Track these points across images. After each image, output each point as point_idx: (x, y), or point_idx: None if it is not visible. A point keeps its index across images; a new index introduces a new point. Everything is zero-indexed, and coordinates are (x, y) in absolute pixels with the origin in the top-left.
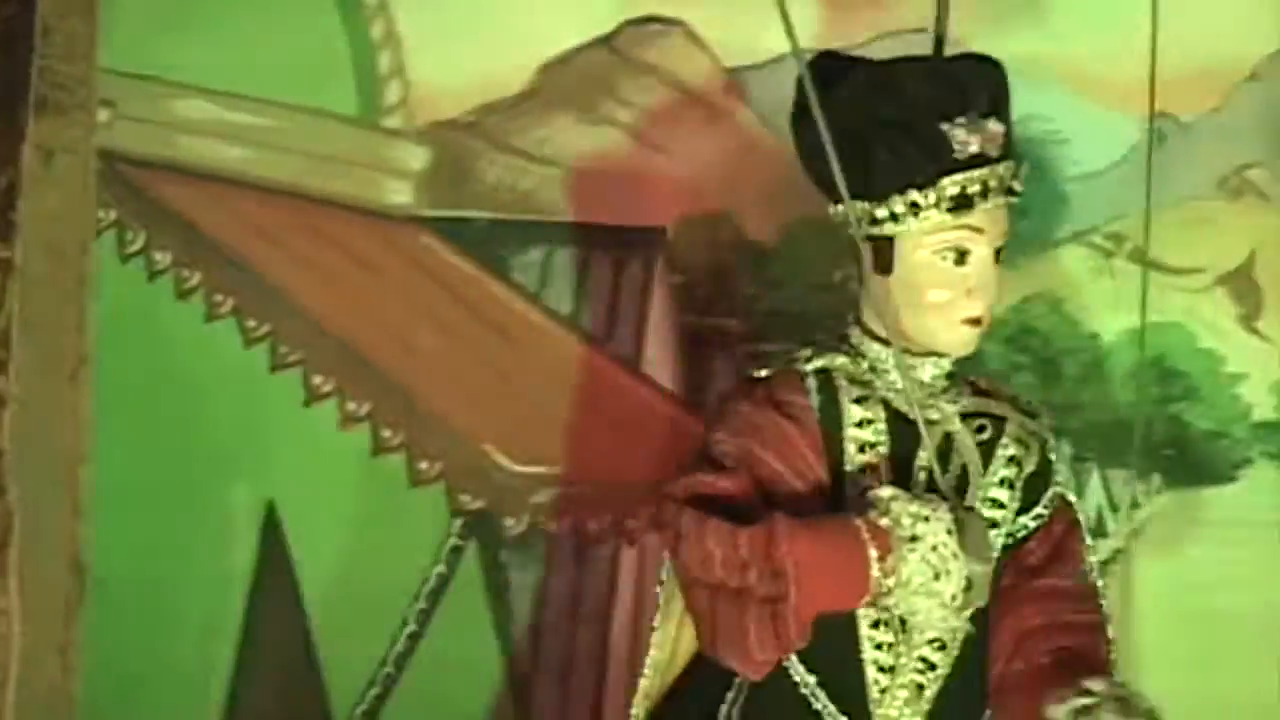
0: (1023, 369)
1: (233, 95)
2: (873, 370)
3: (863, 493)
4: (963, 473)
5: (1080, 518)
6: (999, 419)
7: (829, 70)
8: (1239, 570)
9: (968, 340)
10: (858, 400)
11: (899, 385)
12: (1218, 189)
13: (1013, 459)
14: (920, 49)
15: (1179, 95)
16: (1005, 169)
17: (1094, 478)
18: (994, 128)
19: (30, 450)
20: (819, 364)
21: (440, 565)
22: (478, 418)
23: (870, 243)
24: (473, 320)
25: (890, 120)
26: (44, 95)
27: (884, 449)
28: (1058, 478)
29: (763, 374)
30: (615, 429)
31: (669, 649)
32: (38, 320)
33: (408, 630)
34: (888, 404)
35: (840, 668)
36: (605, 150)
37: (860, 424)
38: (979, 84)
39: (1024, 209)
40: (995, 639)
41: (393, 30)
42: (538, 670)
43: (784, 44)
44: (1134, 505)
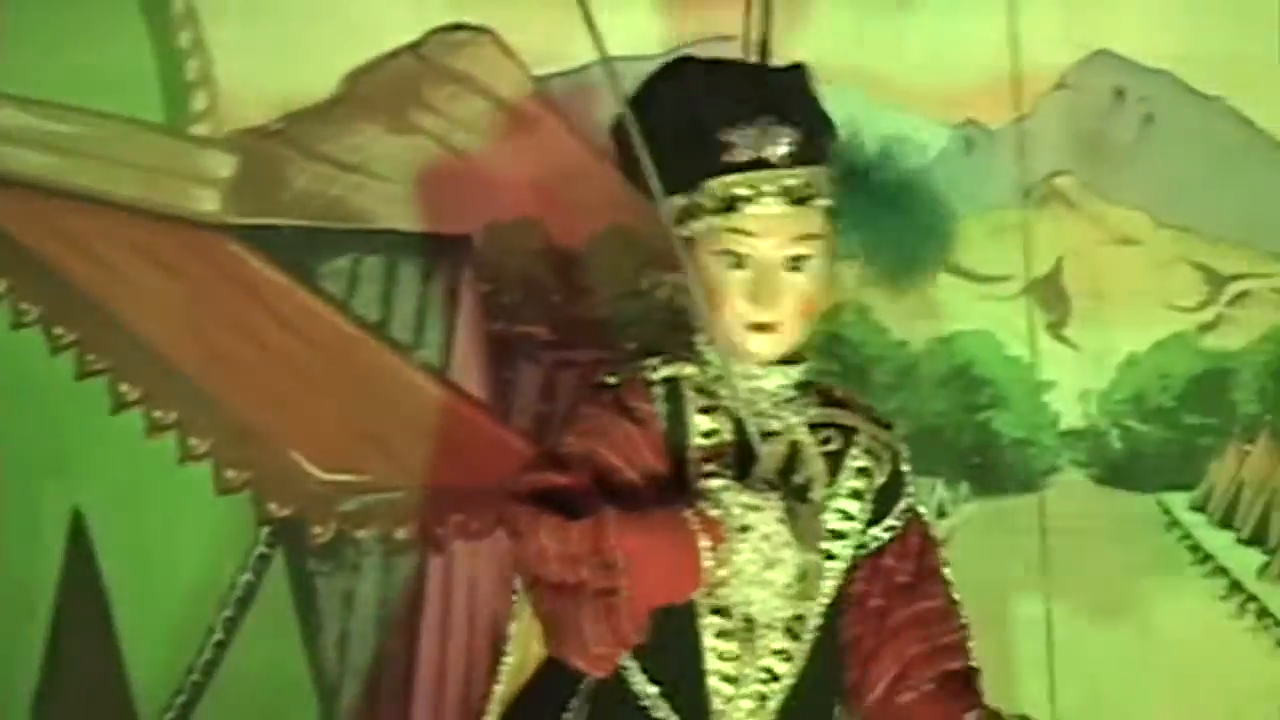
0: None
1: (39, 103)
2: (718, 379)
3: (699, 483)
4: (807, 484)
5: (934, 531)
6: (848, 430)
7: (659, 74)
8: (1042, 578)
9: (760, 346)
10: (704, 410)
11: (743, 394)
12: (1025, 197)
13: (863, 470)
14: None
15: (986, 104)
16: (792, 176)
17: None
18: (782, 133)
19: None
20: (666, 373)
21: (247, 573)
22: (285, 426)
23: (685, 243)
24: (281, 328)
25: (683, 122)
26: None
27: (730, 458)
28: (909, 489)
29: (611, 381)
30: (423, 437)
31: (520, 653)
32: None
33: (215, 638)
34: (733, 414)
35: (682, 678)
36: (413, 158)
37: (706, 434)
38: (772, 89)
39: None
40: (876, 664)
41: (200, 38)
42: (345, 678)
43: (592, 52)
44: (941, 514)
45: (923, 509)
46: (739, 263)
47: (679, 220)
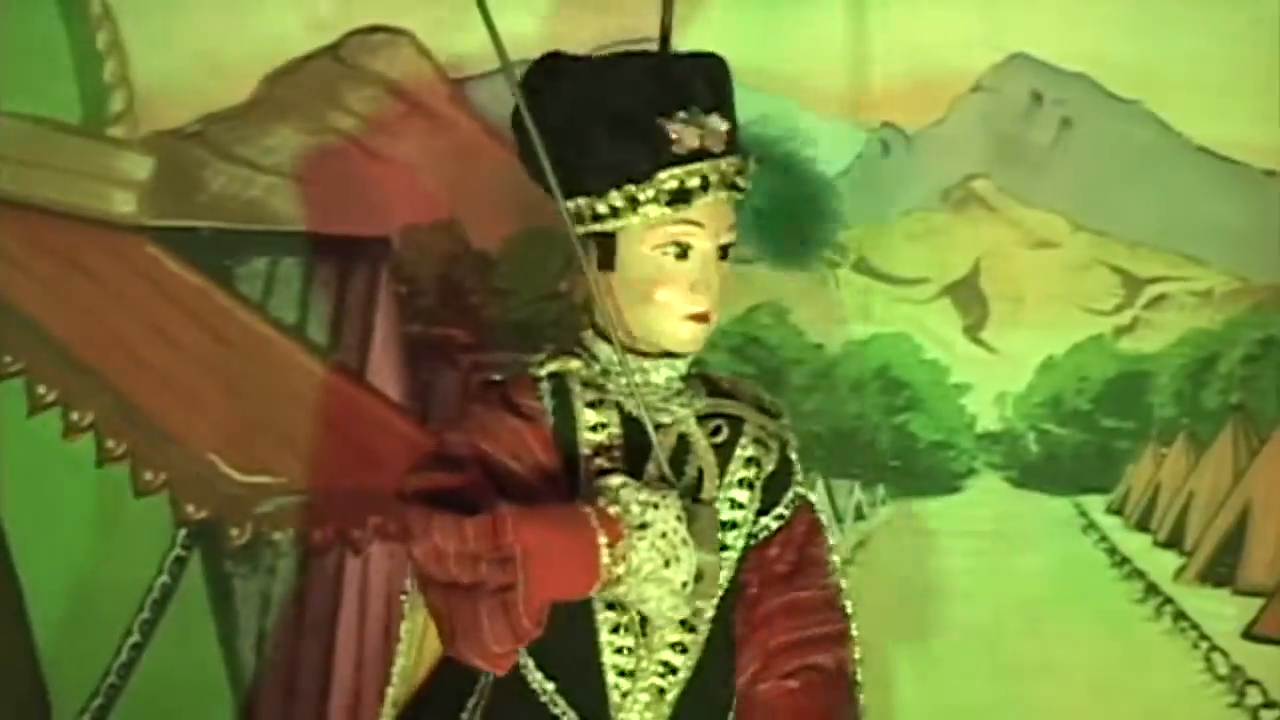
0: (748, 379)
1: None
2: (605, 373)
3: (596, 476)
4: (699, 476)
5: (822, 518)
6: (736, 420)
7: (553, 70)
8: (960, 581)
9: (695, 337)
10: (591, 404)
11: (629, 388)
12: (942, 200)
13: (751, 459)
14: None
15: (903, 107)
16: (728, 164)
17: (819, 488)
18: (716, 123)
19: None
20: (552, 368)
21: (164, 575)
22: (203, 428)
23: (595, 240)
24: (198, 330)
25: (609, 115)
26: None
27: (618, 452)
28: (798, 478)
29: (498, 378)
30: (340, 439)
31: (413, 655)
32: None
33: (131, 640)
34: (621, 407)
35: (579, 673)
36: (331, 160)
37: (594, 428)
38: (700, 79)
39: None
40: (742, 652)
41: (117, 39)
42: (262, 680)
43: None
44: (859, 516)
45: (813, 497)
46: (683, 254)
47: (609, 215)
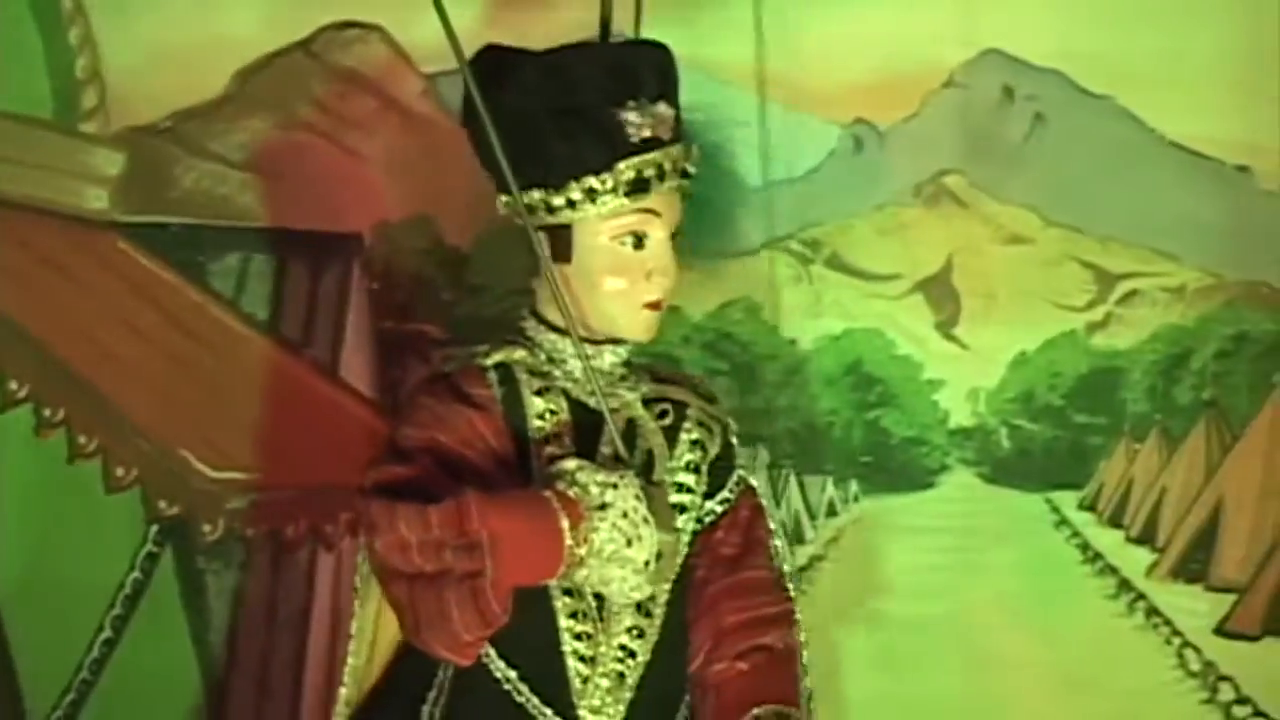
0: (720, 374)
1: None
2: (551, 361)
3: (549, 463)
4: (648, 459)
5: (762, 501)
6: (680, 404)
7: (500, 63)
8: (933, 577)
9: (650, 324)
10: (538, 392)
11: (577, 375)
12: (915, 195)
13: (696, 443)
14: None
15: (876, 102)
16: (678, 152)
17: (792, 484)
18: (664, 111)
19: None
20: (498, 358)
21: (136, 572)
22: (174, 424)
23: (548, 232)
24: (169, 326)
25: (563, 107)
26: None
27: (568, 439)
28: (739, 461)
29: (446, 370)
30: (312, 435)
31: (364, 654)
32: None
33: (103, 637)
34: (568, 394)
35: (541, 660)
36: (303, 156)
37: (542, 415)
38: (647, 68)
39: (723, 214)
40: (693, 635)
41: (89, 35)
42: (235, 676)
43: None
44: (831, 512)
45: (754, 481)
46: (640, 243)
47: (565, 207)
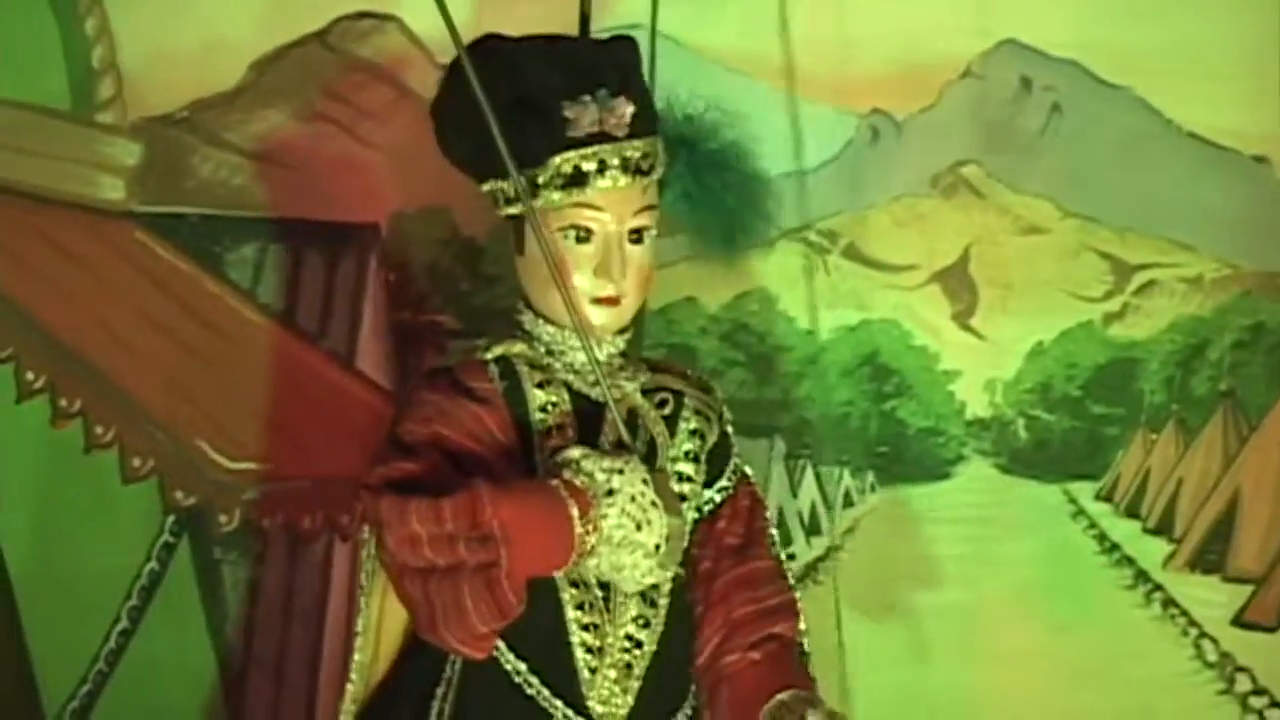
0: (737, 365)
1: None
2: (550, 353)
3: (552, 455)
4: (650, 448)
5: (758, 490)
6: (678, 393)
7: (472, 53)
8: (949, 567)
9: (602, 320)
10: (540, 385)
11: (577, 366)
12: (932, 186)
13: (695, 432)
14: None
15: (893, 93)
16: (633, 148)
17: (808, 474)
18: (621, 106)
19: None
20: (498, 351)
21: (152, 562)
22: (191, 414)
23: (510, 222)
24: (186, 317)
25: (510, 100)
26: None
27: (571, 430)
28: (736, 450)
29: (447, 364)
30: (329, 425)
31: (370, 650)
32: None
33: (120, 627)
34: (569, 386)
35: (549, 652)
36: (319, 146)
37: (545, 408)
38: (605, 62)
39: (737, 205)
40: (703, 627)
41: (106, 25)
42: (251, 667)
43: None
44: (848, 503)
45: (749, 470)
46: (585, 237)
47: (514, 199)
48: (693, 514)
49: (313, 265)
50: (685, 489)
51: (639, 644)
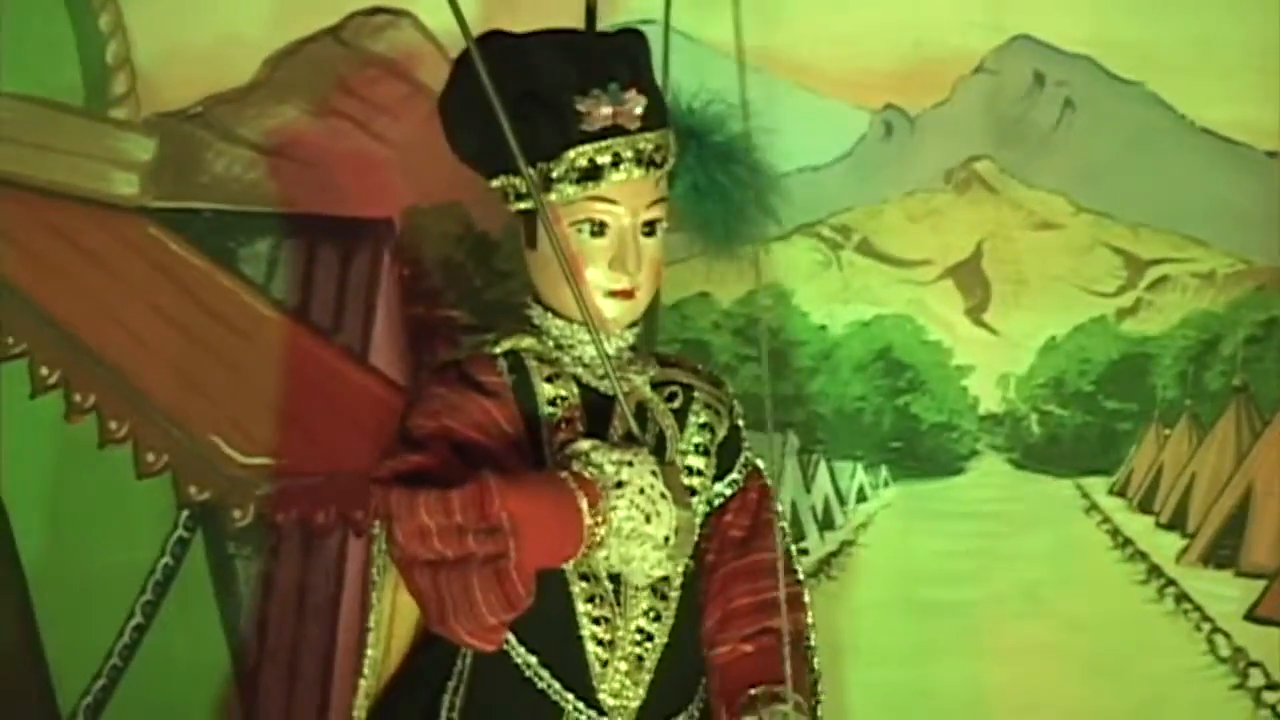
0: (751, 360)
1: None
2: (559, 347)
3: (562, 448)
4: (659, 441)
5: (769, 483)
6: (688, 387)
7: (480, 48)
8: (962, 562)
9: (616, 314)
10: (549, 379)
11: (586, 360)
12: (945, 181)
13: (705, 425)
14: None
15: (907, 88)
16: (645, 141)
17: (822, 469)
18: (633, 99)
19: None
20: (507, 346)
21: (166, 557)
22: (205, 409)
23: (521, 218)
24: (200, 312)
25: (520, 94)
26: None
27: (580, 424)
28: (746, 444)
29: (456, 359)
30: (343, 421)
31: (382, 646)
32: None
33: (134, 622)
34: (578, 379)
35: (560, 645)
36: (333, 142)
37: (554, 401)
38: (616, 56)
39: (743, 198)
40: (705, 617)
41: (120, 21)
42: (264, 662)
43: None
44: (861, 498)
45: (760, 462)
46: (600, 231)
47: (525, 194)
48: (703, 507)
49: (326, 261)
50: (695, 482)
51: (650, 637)
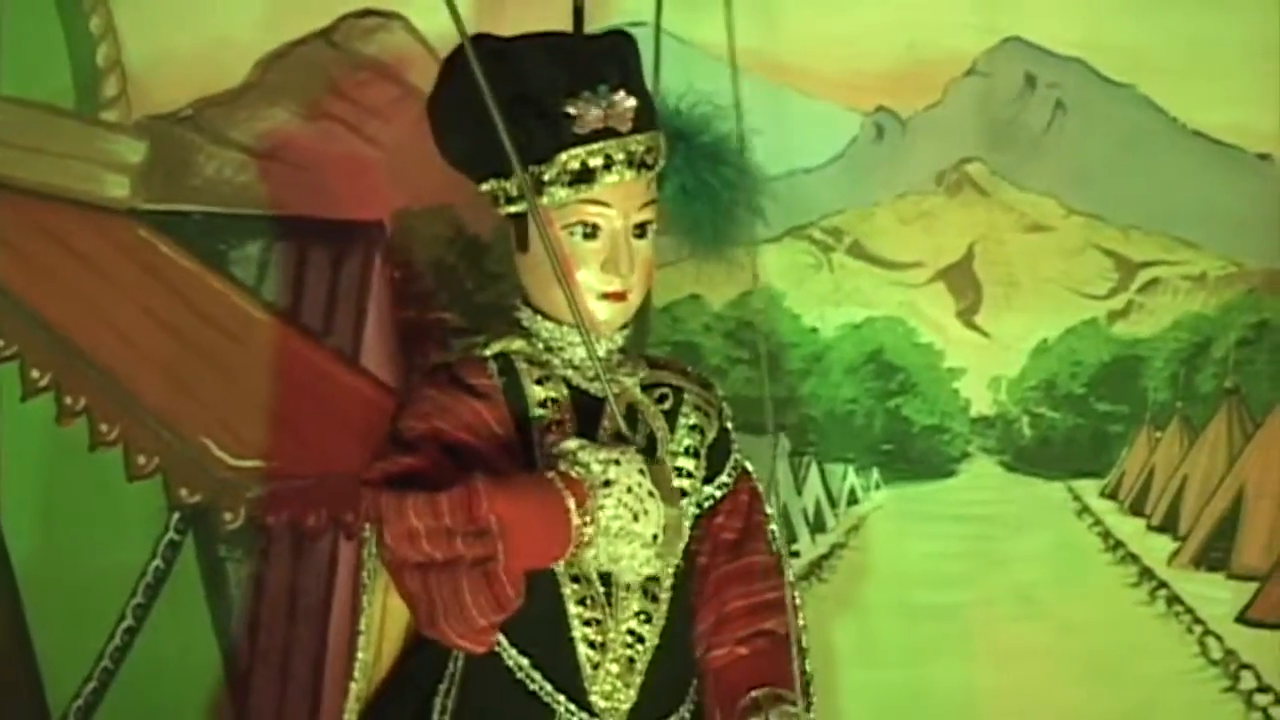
0: (742, 363)
1: None
2: (549, 349)
3: (549, 449)
4: (650, 442)
5: (759, 486)
6: (678, 389)
7: (463, 53)
8: (954, 565)
9: (608, 316)
10: (539, 381)
11: (576, 362)
12: (937, 183)
13: (694, 427)
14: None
15: (898, 90)
16: (636, 143)
17: (813, 472)
18: (623, 101)
19: None
20: (497, 348)
21: (157, 560)
22: (196, 412)
23: (511, 221)
24: (191, 314)
25: (512, 97)
26: None
27: (570, 426)
28: (736, 446)
29: (446, 361)
30: (334, 423)
31: (373, 649)
32: None
33: (124, 625)
34: (568, 381)
35: (551, 647)
36: (324, 144)
37: (544, 403)
38: (604, 58)
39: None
40: (698, 620)
41: (111, 23)
42: (256, 664)
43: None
44: (853, 500)
45: (749, 465)
46: (592, 233)
47: (516, 197)
48: (693, 509)
49: (317, 263)
50: (685, 484)
51: (641, 639)
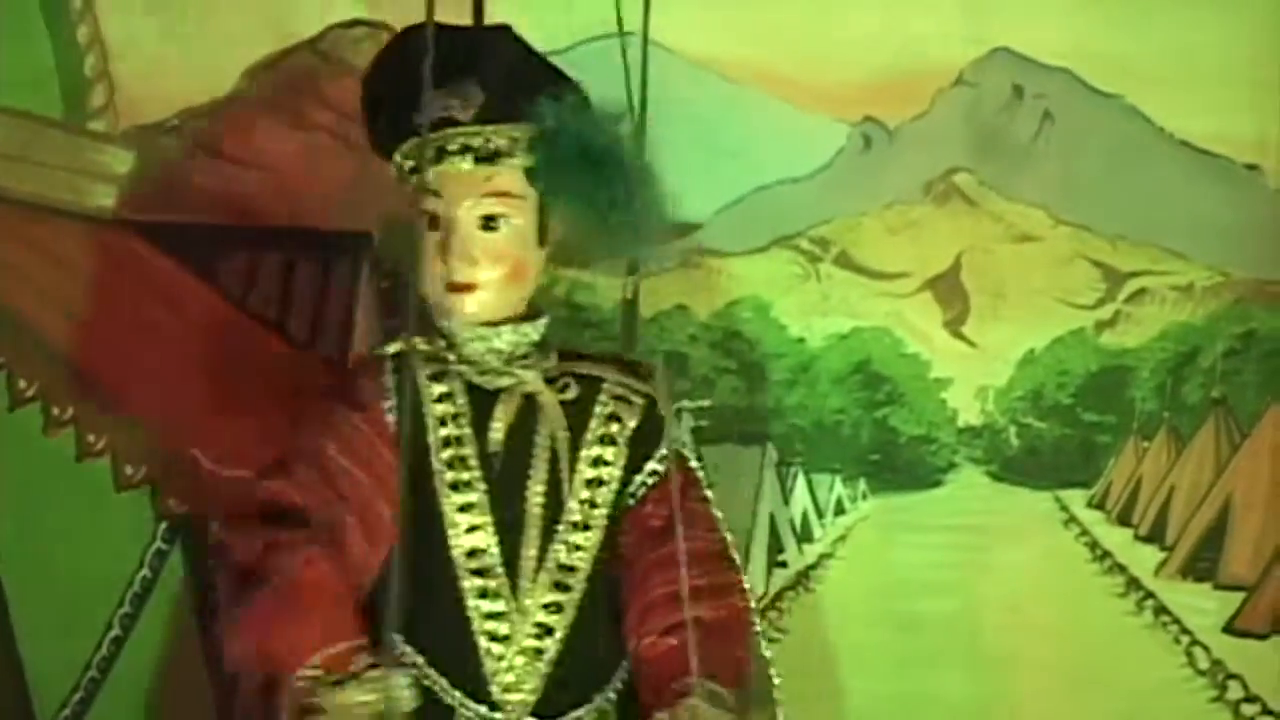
0: (728, 373)
1: None
2: (449, 345)
3: (446, 446)
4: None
5: (699, 475)
6: (593, 379)
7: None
8: (941, 575)
9: (461, 308)
10: (434, 377)
11: (472, 357)
12: (924, 194)
13: (612, 415)
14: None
15: (886, 100)
16: (477, 133)
17: (800, 482)
18: (470, 92)
19: None
20: (395, 348)
21: (145, 569)
22: (184, 422)
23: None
24: (179, 325)
25: (374, 88)
26: None
27: (464, 420)
28: (671, 434)
29: (349, 364)
30: None
31: None
32: None
33: (112, 634)
34: (463, 376)
35: (451, 643)
36: (312, 154)
37: (440, 399)
38: (468, 51)
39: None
40: (628, 611)
41: (98, 33)
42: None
43: None
44: (840, 510)
45: (689, 454)
46: (433, 223)
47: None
48: (613, 497)
49: (306, 273)
50: (602, 473)
51: (550, 630)
